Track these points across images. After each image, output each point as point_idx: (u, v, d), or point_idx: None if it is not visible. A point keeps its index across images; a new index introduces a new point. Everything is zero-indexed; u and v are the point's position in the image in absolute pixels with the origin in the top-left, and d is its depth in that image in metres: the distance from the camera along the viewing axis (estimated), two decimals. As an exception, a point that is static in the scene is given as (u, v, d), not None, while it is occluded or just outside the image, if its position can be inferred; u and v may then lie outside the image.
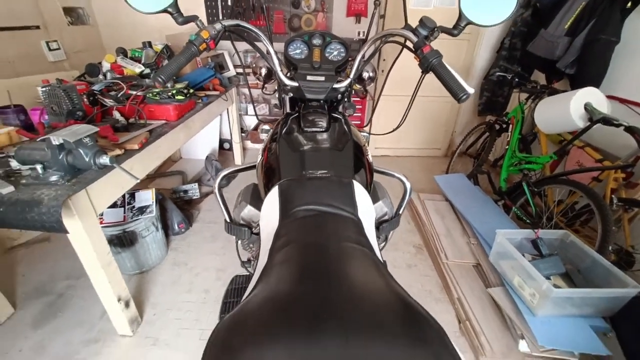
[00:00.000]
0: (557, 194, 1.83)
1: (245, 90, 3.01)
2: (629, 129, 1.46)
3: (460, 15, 0.75)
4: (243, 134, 3.11)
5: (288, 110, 1.02)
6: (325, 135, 0.83)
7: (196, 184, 2.43)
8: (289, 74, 0.92)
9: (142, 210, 1.66)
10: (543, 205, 1.85)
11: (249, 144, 3.31)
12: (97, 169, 1.08)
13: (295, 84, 0.88)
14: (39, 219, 0.95)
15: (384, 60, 2.79)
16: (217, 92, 2.23)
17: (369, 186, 0.82)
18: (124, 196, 1.69)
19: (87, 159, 1.03)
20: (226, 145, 3.19)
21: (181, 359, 1.32)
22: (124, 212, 1.63)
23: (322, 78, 0.89)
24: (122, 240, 1.58)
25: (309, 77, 0.89)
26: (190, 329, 1.45)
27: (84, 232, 1.08)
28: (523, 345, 1.23)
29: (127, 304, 1.36)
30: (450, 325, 1.49)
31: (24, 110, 1.44)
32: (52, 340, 1.39)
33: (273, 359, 0.30)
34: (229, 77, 2.62)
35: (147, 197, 1.72)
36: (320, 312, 0.34)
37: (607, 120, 1.52)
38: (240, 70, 2.75)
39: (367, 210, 0.69)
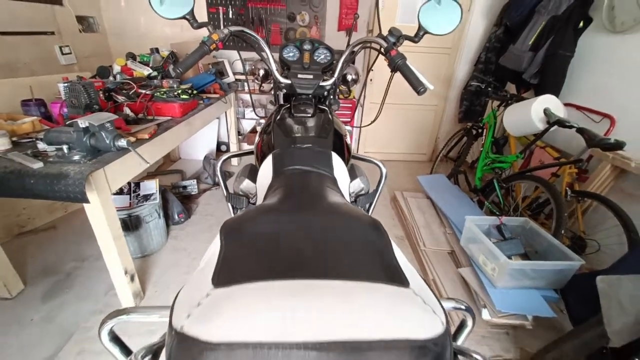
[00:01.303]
0: (524, 189, 2.04)
1: (243, 96, 3.21)
2: (580, 130, 1.67)
3: (420, 26, 0.95)
4: (240, 137, 3.29)
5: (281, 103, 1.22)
6: (311, 120, 1.02)
7: (195, 180, 2.59)
8: (283, 74, 1.11)
9: (146, 197, 1.82)
10: (512, 200, 2.05)
11: (245, 146, 3.49)
12: (116, 151, 1.25)
13: (288, 81, 1.07)
14: (65, 189, 1.11)
15: (372, 70, 3.02)
16: (217, 95, 2.42)
17: (347, 163, 1.01)
18: (129, 184, 1.84)
19: (107, 142, 1.20)
20: (223, 148, 3.37)
21: (180, 328, 1.45)
22: (130, 199, 1.78)
23: (311, 76, 1.09)
24: (128, 224, 1.72)
25: (299, 75, 1.09)
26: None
27: (100, 206, 1.24)
28: (485, 314, 1.40)
29: (132, 278, 1.50)
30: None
31: (44, 104, 1.61)
32: (60, 312, 1.51)
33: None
34: (229, 82, 2.82)
35: (151, 186, 1.87)
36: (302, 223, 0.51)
37: (561, 123, 1.74)
38: (239, 77, 2.96)
39: (342, 174, 0.88)
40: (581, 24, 1.95)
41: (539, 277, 1.39)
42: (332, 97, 1.23)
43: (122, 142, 1.21)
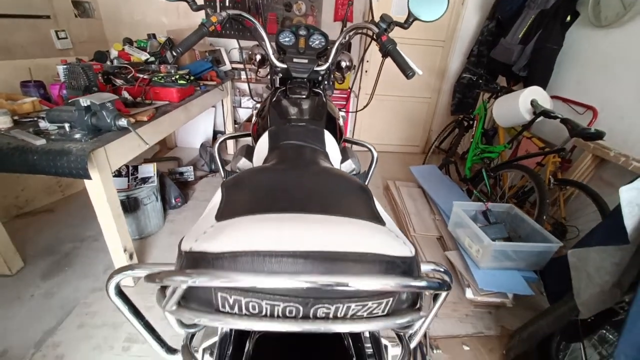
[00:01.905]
0: (511, 178, 2.12)
1: (239, 85, 3.23)
2: (564, 121, 1.74)
3: (409, 13, 1.01)
4: (236, 125, 3.32)
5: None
6: (305, 102, 1.07)
7: (191, 167, 2.62)
8: (279, 58, 1.16)
9: (144, 180, 1.86)
10: (499, 189, 2.12)
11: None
12: (116, 130, 1.29)
13: (284, 65, 1.11)
14: (67, 165, 1.15)
15: (368, 61, 3.07)
16: (214, 83, 2.45)
17: (338, 143, 1.06)
18: (128, 167, 1.88)
19: (108, 121, 1.24)
20: (219, 136, 3.39)
21: (178, 304, 1.51)
22: (128, 181, 1.82)
23: (306, 60, 1.14)
24: (126, 206, 1.76)
25: (295, 60, 1.13)
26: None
27: (101, 183, 1.28)
28: (469, 292, 1.48)
29: (130, 256, 1.54)
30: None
31: (43, 85, 1.63)
32: (60, 289, 1.56)
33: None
34: (225, 71, 2.84)
35: (149, 169, 1.91)
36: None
37: (547, 113, 1.81)
38: (236, 65, 2.99)
39: (334, 152, 0.93)
40: (568, 18, 2.01)
41: (519, 258, 1.47)
42: (326, 82, 1.27)
43: (123, 122, 1.25)
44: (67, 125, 1.23)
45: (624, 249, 0.85)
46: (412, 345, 0.51)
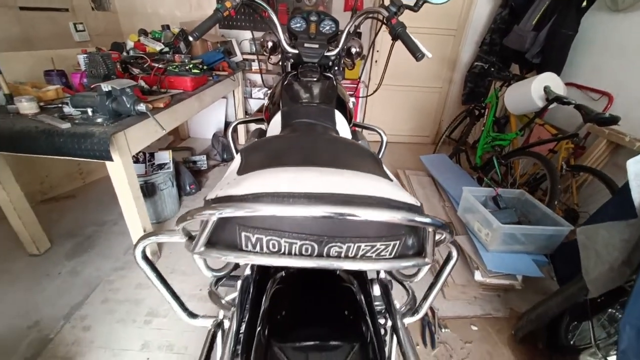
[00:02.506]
0: (522, 166, 2.11)
1: (250, 76, 3.27)
2: (577, 107, 1.72)
3: (420, -5, 1.02)
4: (247, 116, 3.37)
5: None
6: (316, 85, 1.10)
7: (204, 156, 2.69)
8: (290, 43, 1.18)
9: (160, 166, 1.92)
10: (510, 177, 2.12)
11: (252, 125, 3.58)
12: (135, 115, 1.35)
13: (296, 50, 1.14)
14: (91, 148, 1.22)
15: (378, 51, 3.07)
16: (226, 73, 2.49)
17: (349, 125, 1.09)
18: (144, 154, 1.95)
19: (128, 106, 1.29)
20: (233, 121, 3.45)
21: (194, 282, 1.58)
22: (145, 167, 1.89)
23: (317, 45, 1.16)
24: (144, 191, 1.83)
25: (306, 45, 1.16)
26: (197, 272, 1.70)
27: (122, 166, 1.34)
28: (477, 275, 1.50)
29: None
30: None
31: (65, 74, 1.70)
32: (84, 268, 1.64)
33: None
34: (237, 62, 2.88)
35: (165, 156, 1.98)
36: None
37: (560, 100, 1.79)
38: (247, 57, 3.02)
39: (344, 129, 0.96)
40: (584, 2, 1.97)
41: (529, 242, 1.48)
42: (336, 68, 1.30)
43: (142, 107, 1.31)
44: (89, 110, 1.29)
45: (633, 224, 0.86)
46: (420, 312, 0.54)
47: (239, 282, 0.58)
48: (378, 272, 0.62)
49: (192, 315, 0.68)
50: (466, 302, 1.56)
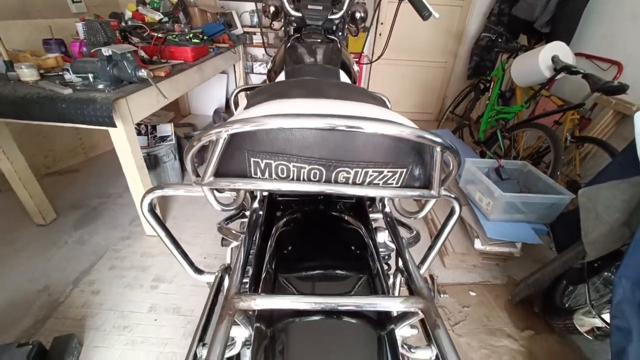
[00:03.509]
0: (526, 139, 2.09)
1: (251, 50, 3.21)
2: (585, 76, 1.69)
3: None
4: (248, 92, 3.33)
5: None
6: (320, 47, 1.08)
7: (206, 131, 2.68)
8: (293, 6, 1.15)
9: (163, 139, 1.92)
10: (513, 150, 2.10)
11: (253, 103, 3.54)
12: (137, 82, 1.33)
13: (299, 13, 1.11)
14: (94, 113, 1.21)
15: (382, 24, 2.98)
16: (226, 45, 2.44)
17: None
18: (147, 127, 1.94)
19: (129, 71, 1.28)
20: (236, 88, 3.42)
21: (198, 252, 1.61)
22: (148, 139, 1.89)
23: (320, 7, 1.13)
24: (147, 163, 1.83)
25: (309, 7, 1.13)
26: (205, 233, 1.73)
27: (124, 134, 1.34)
28: (477, 243, 1.52)
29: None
30: (424, 239, 1.77)
31: (64, 43, 1.67)
32: (91, 237, 1.68)
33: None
34: (237, 34, 2.82)
35: (167, 129, 1.97)
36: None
37: (568, 69, 1.75)
38: (248, 29, 2.96)
39: None
40: (599, -33, 1.89)
41: (530, 211, 1.49)
42: (340, 33, 1.27)
43: (143, 73, 1.29)
44: (90, 76, 1.28)
45: (635, 183, 0.86)
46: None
47: (248, 213, 0.58)
48: (384, 215, 0.63)
49: (199, 271, 0.70)
50: (465, 270, 1.59)
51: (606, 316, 0.99)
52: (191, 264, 0.68)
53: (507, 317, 1.36)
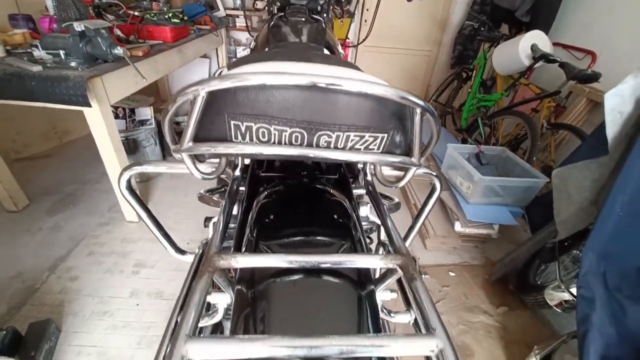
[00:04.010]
0: (505, 126, 2.15)
1: (234, 34, 3.12)
2: (562, 65, 1.75)
3: None
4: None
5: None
6: (305, 27, 1.06)
7: (187, 116, 2.60)
8: None
9: (142, 122, 1.86)
10: (493, 137, 2.16)
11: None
12: (113, 61, 1.28)
13: None
14: (66, 92, 1.16)
15: (367, 10, 2.95)
16: (208, 27, 2.37)
17: None
18: (125, 110, 1.87)
19: (104, 48, 1.22)
20: (217, 70, 3.34)
21: (181, 237, 1.58)
22: (126, 123, 1.83)
23: None
24: (126, 147, 1.77)
25: None
26: (188, 219, 1.71)
27: (100, 115, 1.29)
28: (457, 226, 1.57)
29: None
30: (406, 221, 1.81)
31: (32, 19, 1.58)
32: (67, 224, 1.62)
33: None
34: (220, 17, 2.73)
35: (146, 112, 1.91)
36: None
37: (546, 57, 1.80)
38: (230, 12, 2.87)
39: None
40: (578, -43, 1.94)
41: (507, 194, 1.54)
42: (325, 14, 1.25)
43: (119, 50, 1.24)
44: (62, 53, 1.21)
45: (603, 164, 0.91)
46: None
47: (230, 180, 0.58)
48: (366, 184, 0.63)
49: (181, 251, 0.69)
50: (446, 252, 1.64)
51: (574, 290, 1.05)
52: (173, 244, 0.67)
53: (484, 295, 1.42)
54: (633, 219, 0.75)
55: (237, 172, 0.58)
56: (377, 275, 0.52)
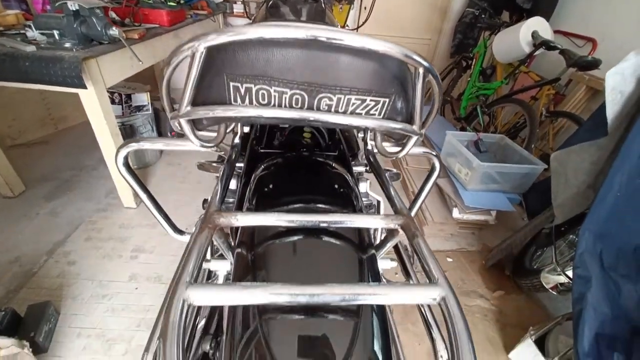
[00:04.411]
0: (504, 114, 2.15)
1: (232, 20, 3.07)
2: (562, 51, 1.73)
3: None
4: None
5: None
6: (304, 5, 1.04)
7: (185, 104, 2.58)
8: None
9: (138, 108, 1.84)
10: (491, 126, 2.16)
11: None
12: (108, 43, 1.25)
13: None
14: (61, 73, 1.14)
15: (367, -4, 2.91)
16: (205, 12, 2.32)
17: None
18: (120, 95, 1.85)
19: (99, 29, 1.20)
20: None
21: (180, 223, 1.57)
22: (122, 109, 1.80)
23: None
24: (122, 133, 1.75)
25: None
26: (187, 205, 1.70)
27: (96, 97, 1.27)
28: (455, 212, 1.58)
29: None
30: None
31: (24, 0, 1.54)
32: (64, 209, 1.61)
33: None
34: (217, 2, 2.68)
35: (142, 98, 1.89)
36: None
37: (547, 44, 1.79)
38: (227, -3, 2.82)
39: None
40: (581, -58, 1.91)
41: (505, 180, 1.55)
42: None
43: (114, 31, 1.22)
44: (56, 33, 1.19)
45: (602, 147, 0.91)
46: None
47: (231, 143, 0.57)
48: (366, 153, 0.62)
49: (179, 231, 0.68)
50: (443, 238, 1.65)
51: (569, 272, 1.06)
52: (171, 224, 0.66)
53: (481, 280, 1.43)
54: (631, 198, 0.75)
55: (237, 140, 0.57)
56: (377, 242, 0.52)
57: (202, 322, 0.59)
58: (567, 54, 1.69)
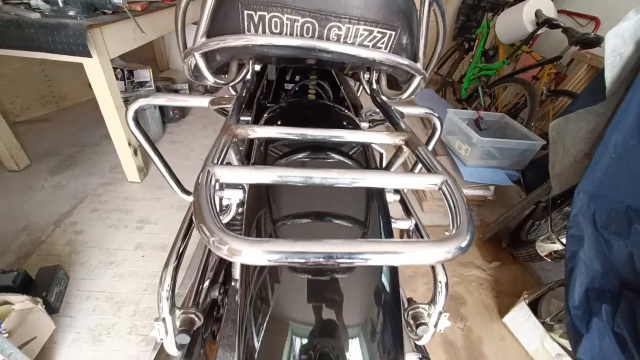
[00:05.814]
0: (505, 96, 2.16)
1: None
2: (565, 30, 1.74)
3: None
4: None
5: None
6: None
7: (186, 84, 2.58)
8: None
9: (141, 84, 1.85)
10: (492, 107, 2.17)
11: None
12: (112, 10, 1.25)
13: None
14: (66, 41, 1.14)
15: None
16: (206, -10, 2.30)
17: None
18: (123, 71, 1.85)
19: (102, -3, 1.20)
20: None
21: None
22: (125, 84, 1.81)
23: None
24: (125, 108, 1.78)
25: None
26: (190, 181, 1.72)
27: (100, 67, 1.28)
28: (454, 188, 1.60)
29: (135, 152, 1.60)
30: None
31: (25, -29, 1.52)
32: (69, 182, 1.63)
33: None
34: (217, -19, 2.65)
35: (145, 74, 1.89)
36: None
37: (550, 22, 1.78)
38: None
39: None
40: None
41: (504, 156, 1.57)
42: None
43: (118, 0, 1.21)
44: (60, 1, 1.19)
45: (600, 114, 0.93)
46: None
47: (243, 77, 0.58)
48: (372, 93, 0.63)
49: (186, 192, 0.70)
50: (442, 214, 1.68)
51: (563, 239, 1.09)
52: (179, 183, 0.68)
53: (478, 252, 1.47)
54: (625, 159, 0.78)
55: (248, 76, 0.59)
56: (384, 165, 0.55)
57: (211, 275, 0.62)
58: (569, 32, 1.69)
